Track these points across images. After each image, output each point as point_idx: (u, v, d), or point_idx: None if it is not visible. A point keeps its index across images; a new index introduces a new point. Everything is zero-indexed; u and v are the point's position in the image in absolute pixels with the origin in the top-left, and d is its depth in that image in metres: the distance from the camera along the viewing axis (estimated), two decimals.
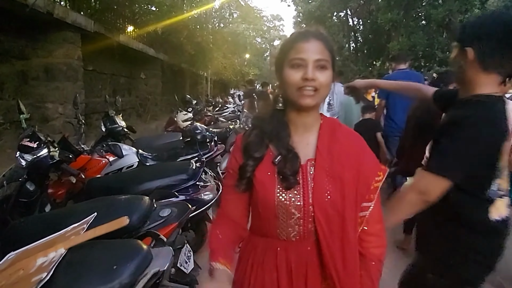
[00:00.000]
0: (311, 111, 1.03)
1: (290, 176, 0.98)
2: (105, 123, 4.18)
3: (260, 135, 1.04)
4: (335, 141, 1.04)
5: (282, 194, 0.99)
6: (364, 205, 1.03)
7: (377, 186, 1.04)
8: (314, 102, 0.97)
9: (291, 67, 0.97)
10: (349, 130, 1.12)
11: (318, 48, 0.97)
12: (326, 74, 0.97)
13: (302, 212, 0.99)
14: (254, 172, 1.01)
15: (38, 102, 5.41)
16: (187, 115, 6.76)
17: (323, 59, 0.96)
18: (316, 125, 1.06)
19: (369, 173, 1.04)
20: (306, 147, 1.04)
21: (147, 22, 8.76)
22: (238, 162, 1.04)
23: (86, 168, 3.38)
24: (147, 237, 1.79)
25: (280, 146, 1.01)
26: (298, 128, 1.04)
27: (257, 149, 1.02)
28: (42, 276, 1.17)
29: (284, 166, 0.99)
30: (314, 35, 0.99)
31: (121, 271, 1.23)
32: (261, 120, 1.09)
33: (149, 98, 10.13)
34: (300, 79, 0.95)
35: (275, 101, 1.08)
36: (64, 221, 1.62)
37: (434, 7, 15.61)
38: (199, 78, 18.21)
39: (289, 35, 1.07)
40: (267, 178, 1.00)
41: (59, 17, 4.95)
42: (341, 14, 23.84)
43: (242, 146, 1.05)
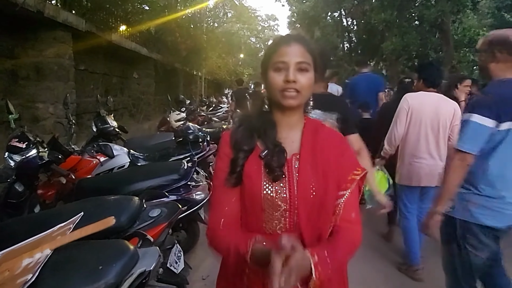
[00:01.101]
0: (295, 111, 1.08)
1: (276, 168, 1.02)
2: (96, 123, 4.16)
3: (249, 130, 1.09)
4: (318, 138, 1.10)
5: (269, 187, 1.03)
6: (340, 193, 1.07)
7: (354, 178, 1.08)
8: (297, 102, 1.03)
9: (274, 70, 1.02)
10: (331, 129, 1.19)
11: (299, 51, 1.02)
12: (307, 76, 1.02)
13: (288, 204, 1.02)
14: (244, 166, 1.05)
15: (29, 102, 5.37)
16: (180, 115, 6.76)
17: (304, 61, 1.01)
18: (300, 124, 1.12)
19: (348, 167, 1.09)
20: (291, 144, 1.09)
21: (140, 21, 8.71)
22: (229, 157, 1.07)
23: (76, 169, 3.36)
24: (134, 238, 1.79)
25: (267, 141, 1.06)
26: (284, 127, 1.09)
27: (246, 142, 1.07)
28: (28, 277, 1.16)
29: (271, 159, 1.03)
30: (295, 39, 1.04)
31: (107, 271, 1.23)
32: (248, 118, 1.14)
33: (142, 98, 10.09)
34: (282, 81, 1.00)
35: (262, 102, 1.13)
36: (51, 222, 1.61)
37: (427, 8, 15.71)
38: (193, 78, 18.18)
39: (272, 39, 1.14)
40: (254, 172, 1.04)
41: (49, 16, 4.91)
42: (335, 14, 23.93)
43: (231, 141, 1.09)
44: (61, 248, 1.31)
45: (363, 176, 1.12)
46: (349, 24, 23.71)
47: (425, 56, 17.80)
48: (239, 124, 1.14)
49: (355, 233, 1.06)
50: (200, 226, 3.30)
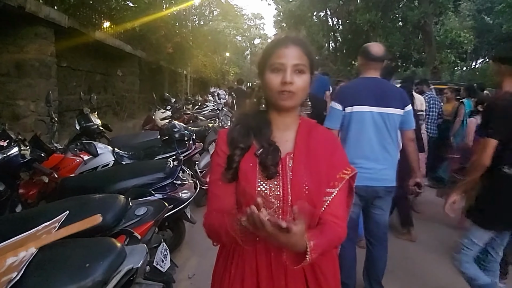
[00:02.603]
0: (290, 112, 1.12)
1: (271, 166, 1.05)
2: (80, 121, 4.09)
3: (245, 128, 1.12)
4: (312, 138, 1.13)
5: (263, 184, 1.06)
6: (328, 191, 1.09)
7: (343, 177, 1.11)
8: (293, 103, 1.07)
9: (271, 71, 1.05)
10: (325, 129, 1.23)
11: (297, 53, 1.05)
12: (303, 78, 1.05)
13: (281, 202, 1.05)
14: (240, 163, 1.08)
15: (9, 99, 5.23)
16: (166, 113, 6.71)
17: (301, 63, 1.04)
18: (295, 125, 1.16)
19: (338, 166, 1.12)
20: (286, 143, 1.12)
21: (124, 18, 8.58)
22: (226, 153, 1.11)
23: (59, 167, 3.30)
24: (121, 235, 1.78)
25: (262, 140, 1.09)
26: (279, 127, 1.13)
27: (243, 140, 1.10)
28: (12, 276, 1.15)
29: (265, 157, 1.06)
30: (293, 41, 1.07)
31: (94, 269, 1.22)
32: (245, 117, 1.18)
33: (126, 96, 9.94)
34: (279, 82, 1.03)
35: (259, 102, 1.18)
36: (35, 221, 1.59)
37: (411, 9, 16.02)
38: (178, 76, 18.02)
39: (271, 40, 1.17)
40: (249, 169, 1.07)
41: (31, 12, 4.79)
42: (321, 14, 24.14)
43: (228, 139, 1.12)
44: (47, 246, 1.29)
45: (354, 175, 1.14)
46: (335, 24, 23.97)
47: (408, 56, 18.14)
48: (236, 122, 1.18)
49: (340, 228, 1.08)
50: (186, 225, 3.29)
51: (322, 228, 1.04)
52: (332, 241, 1.06)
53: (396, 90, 2.62)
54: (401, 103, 2.46)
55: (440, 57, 16.09)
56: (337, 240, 1.09)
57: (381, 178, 2.44)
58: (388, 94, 2.46)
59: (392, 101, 2.44)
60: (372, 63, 2.52)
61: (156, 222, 2.12)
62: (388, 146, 2.46)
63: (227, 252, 1.14)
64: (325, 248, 1.01)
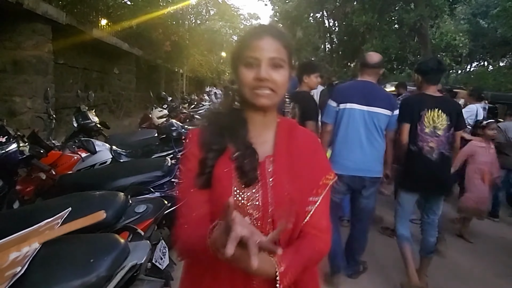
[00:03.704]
0: (268, 110, 1.00)
1: (249, 171, 0.93)
2: (77, 119, 4.08)
3: (219, 128, 1.00)
4: (292, 139, 1.03)
5: (240, 193, 0.94)
6: (311, 200, 0.99)
7: (326, 183, 1.02)
8: (270, 102, 0.95)
9: (245, 65, 0.93)
10: (306, 130, 1.13)
11: (273, 46, 0.93)
12: (281, 73, 0.93)
13: (260, 212, 0.94)
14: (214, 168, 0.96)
15: (5, 95, 5.20)
16: (162, 112, 6.69)
17: (278, 57, 0.93)
18: (273, 124, 1.05)
19: (320, 171, 1.03)
20: (264, 144, 1.00)
21: (122, 16, 8.57)
22: (197, 157, 0.97)
23: (57, 164, 3.29)
24: (124, 232, 1.78)
25: (238, 142, 0.97)
26: (256, 127, 1.01)
27: (216, 142, 0.97)
28: (16, 270, 1.15)
29: (242, 162, 0.94)
30: (269, 32, 0.95)
31: (98, 265, 1.23)
32: (218, 115, 1.06)
33: (122, 94, 9.92)
34: (253, 78, 0.92)
35: (233, 99, 1.04)
36: (36, 217, 1.58)
37: (407, 12, 16.13)
38: (174, 75, 17.98)
39: (245, 31, 1.03)
40: (224, 175, 0.94)
41: (29, 8, 4.77)
42: (317, 15, 24.22)
43: (199, 140, 0.99)
44: (50, 242, 1.30)
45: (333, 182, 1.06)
46: (331, 25, 24.05)
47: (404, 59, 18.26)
48: (208, 122, 1.04)
49: (323, 242, 0.99)
50: None
51: (300, 244, 0.94)
52: (312, 258, 0.96)
53: (385, 94, 2.99)
54: (390, 106, 2.81)
55: None
56: (318, 256, 0.98)
57: (366, 169, 2.79)
58: (377, 96, 2.82)
59: (380, 102, 2.78)
60: (367, 69, 2.88)
61: (156, 219, 2.13)
62: (375, 141, 2.80)
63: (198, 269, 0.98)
64: (303, 267, 0.91)
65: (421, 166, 2.81)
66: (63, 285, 1.18)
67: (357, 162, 2.76)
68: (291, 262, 0.86)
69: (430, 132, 2.79)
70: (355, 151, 2.77)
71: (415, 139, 2.80)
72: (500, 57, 23.65)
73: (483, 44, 23.55)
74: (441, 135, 2.78)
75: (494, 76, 16.64)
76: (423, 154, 2.79)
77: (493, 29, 20.73)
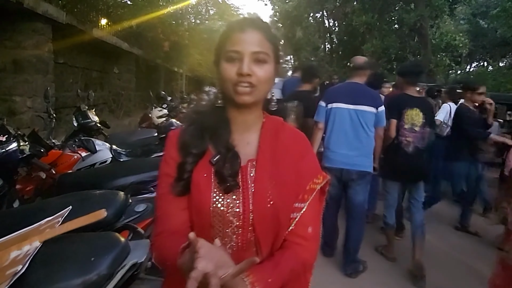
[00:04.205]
0: (252, 109, 0.94)
1: (228, 177, 0.88)
2: (77, 118, 4.07)
3: (199, 130, 0.94)
4: (278, 141, 0.96)
5: (219, 200, 0.88)
6: (297, 206, 0.93)
7: (313, 188, 0.96)
8: (252, 99, 0.89)
9: (226, 60, 0.88)
10: (294, 130, 1.05)
11: (256, 39, 0.87)
12: (265, 69, 0.88)
13: (241, 220, 0.88)
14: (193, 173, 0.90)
15: (5, 94, 5.19)
16: (162, 112, 6.68)
17: (261, 51, 0.87)
18: (258, 124, 0.98)
19: (307, 174, 0.97)
20: (247, 146, 0.95)
21: (122, 16, 8.57)
22: (175, 161, 0.92)
23: (57, 163, 3.29)
24: (124, 230, 1.79)
25: (219, 144, 0.91)
26: (239, 127, 0.95)
27: (195, 144, 0.92)
28: (17, 268, 1.15)
29: (222, 166, 0.88)
30: (252, 25, 0.89)
31: (99, 263, 1.23)
32: (198, 115, 0.99)
33: (122, 93, 9.91)
34: (235, 74, 0.86)
35: (215, 97, 0.98)
36: (36, 216, 1.59)
37: (407, 12, 16.13)
38: (174, 75, 17.99)
39: (228, 24, 0.96)
40: (202, 180, 0.89)
41: (29, 7, 4.76)
42: (317, 15, 24.22)
43: (178, 142, 0.94)
44: (51, 240, 1.30)
45: (326, 184, 1.00)
46: (331, 25, 24.05)
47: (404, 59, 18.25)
48: (189, 123, 0.97)
49: (307, 252, 0.93)
50: None
51: (281, 256, 0.89)
52: (295, 270, 0.89)
53: (370, 93, 3.17)
54: (374, 104, 3.06)
55: (435, 60, 16.23)
56: (301, 268, 0.92)
57: (353, 163, 3.04)
58: (362, 95, 3.09)
59: (365, 101, 3.05)
60: (354, 71, 3.22)
61: None
62: (362, 137, 3.05)
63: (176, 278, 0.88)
64: (285, 281, 0.85)
65: (399, 158, 3.20)
66: (64, 283, 1.18)
67: (344, 156, 3.04)
68: (267, 279, 0.80)
69: (409, 128, 3.17)
70: (342, 146, 3.05)
71: (396, 134, 3.20)
72: (500, 57, 23.69)
73: (483, 45, 23.57)
74: (418, 131, 3.16)
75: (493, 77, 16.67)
76: (401, 147, 3.18)
77: (493, 30, 20.76)
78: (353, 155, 3.03)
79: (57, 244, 1.32)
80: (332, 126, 3.11)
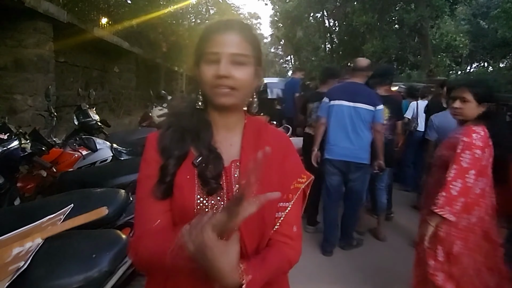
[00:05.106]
0: (233, 110, 0.94)
1: (211, 179, 0.87)
2: (78, 117, 4.09)
3: (180, 132, 0.92)
4: (261, 141, 0.95)
5: (203, 201, 0.88)
6: (281, 205, 0.94)
7: (297, 187, 0.96)
8: (231, 101, 0.88)
9: (205, 62, 0.87)
10: (276, 130, 1.06)
11: (235, 41, 0.86)
12: (244, 71, 0.87)
13: None
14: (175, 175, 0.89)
15: (6, 93, 5.20)
16: (163, 111, 6.68)
17: (240, 53, 0.86)
18: (240, 125, 0.98)
19: (291, 174, 0.97)
20: (230, 148, 0.95)
21: (122, 15, 8.57)
22: (157, 162, 0.91)
23: (58, 162, 3.31)
24: (125, 228, 1.80)
25: (201, 146, 0.91)
26: (220, 128, 0.95)
27: (177, 147, 0.90)
28: (20, 264, 1.17)
29: (205, 168, 0.88)
30: (231, 26, 0.88)
31: (100, 260, 1.25)
32: (178, 117, 0.97)
33: (122, 92, 9.92)
34: (213, 75, 0.85)
35: (196, 99, 0.96)
36: (38, 213, 1.60)
37: (407, 12, 16.13)
38: (174, 74, 17.99)
39: (207, 25, 0.95)
40: (186, 182, 0.88)
41: (30, 6, 4.76)
42: (317, 15, 24.22)
43: (158, 145, 0.92)
44: (53, 237, 1.32)
45: (309, 183, 1.00)
46: (331, 25, 24.05)
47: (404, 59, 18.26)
48: (168, 125, 0.95)
49: (293, 250, 0.94)
50: None
51: (267, 254, 0.89)
52: (280, 268, 0.91)
53: (369, 92, 3.43)
54: (372, 102, 3.31)
55: (435, 60, 16.23)
56: (287, 266, 0.93)
57: (352, 155, 3.34)
58: (360, 94, 3.35)
59: (363, 99, 3.32)
60: (356, 72, 3.47)
61: None
62: (360, 131, 3.33)
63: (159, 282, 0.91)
64: (270, 277, 0.86)
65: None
66: (66, 279, 1.20)
67: (344, 149, 3.34)
68: (257, 271, 0.80)
69: None
70: (342, 140, 3.34)
71: None
72: (500, 58, 23.65)
73: (483, 45, 23.55)
74: (385, 124, 3.55)
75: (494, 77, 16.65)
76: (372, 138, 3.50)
77: (493, 30, 20.73)
78: (352, 148, 3.32)
79: (59, 241, 1.33)
80: (333, 121, 3.39)
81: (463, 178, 1.92)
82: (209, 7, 28.24)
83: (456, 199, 1.92)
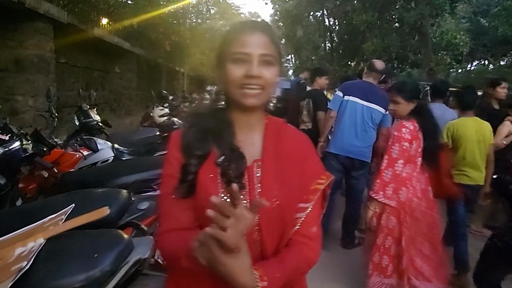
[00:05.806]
0: (256, 110, 0.95)
1: (235, 178, 0.88)
2: (79, 117, 4.10)
3: (202, 132, 0.93)
4: (281, 141, 0.97)
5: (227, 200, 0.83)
6: (301, 206, 0.94)
7: (317, 188, 0.96)
8: (259, 101, 0.90)
9: (233, 62, 0.88)
10: (296, 130, 1.07)
11: (264, 41, 0.88)
12: (272, 71, 0.89)
13: None
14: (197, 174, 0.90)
15: (7, 94, 5.20)
16: (164, 111, 6.71)
17: (269, 54, 0.88)
18: (261, 125, 0.99)
19: (311, 175, 0.98)
20: (251, 147, 0.95)
21: (123, 15, 8.57)
22: (179, 161, 0.92)
23: (59, 162, 3.31)
24: (127, 228, 1.80)
25: (223, 145, 0.91)
26: (242, 128, 0.96)
27: (199, 146, 0.91)
28: (22, 264, 1.17)
29: (228, 167, 0.89)
30: (260, 28, 0.90)
31: (102, 259, 1.25)
32: (200, 117, 0.99)
33: (123, 93, 9.92)
34: (242, 75, 0.86)
35: (216, 98, 0.99)
36: (40, 214, 1.60)
37: (407, 10, 16.13)
38: (175, 74, 18.01)
39: (231, 25, 0.97)
40: (209, 181, 0.89)
41: (31, 7, 4.77)
42: (317, 14, 24.21)
43: (182, 144, 0.93)
44: (55, 237, 1.32)
45: (329, 184, 1.00)
46: (331, 24, 24.03)
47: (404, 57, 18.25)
48: (190, 125, 0.98)
49: (312, 251, 0.94)
50: None
51: (286, 255, 0.89)
52: (300, 268, 0.92)
53: (382, 94, 3.42)
54: (384, 105, 3.24)
55: (436, 58, 16.24)
56: (306, 266, 0.94)
57: (358, 152, 3.40)
58: (374, 94, 3.40)
59: (376, 100, 3.37)
60: (372, 73, 3.50)
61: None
62: (368, 130, 3.40)
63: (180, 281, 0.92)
64: (289, 277, 0.86)
65: None
66: (68, 279, 1.20)
67: (351, 146, 3.38)
68: (274, 274, 0.81)
69: None
70: (351, 137, 3.38)
71: None
72: (500, 56, 23.61)
73: (483, 43, 23.51)
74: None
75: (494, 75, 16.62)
76: None
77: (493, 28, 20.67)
78: (360, 145, 3.38)
79: (61, 240, 1.33)
80: (345, 117, 3.42)
81: (392, 166, 2.33)
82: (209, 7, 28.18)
83: (387, 185, 2.33)
